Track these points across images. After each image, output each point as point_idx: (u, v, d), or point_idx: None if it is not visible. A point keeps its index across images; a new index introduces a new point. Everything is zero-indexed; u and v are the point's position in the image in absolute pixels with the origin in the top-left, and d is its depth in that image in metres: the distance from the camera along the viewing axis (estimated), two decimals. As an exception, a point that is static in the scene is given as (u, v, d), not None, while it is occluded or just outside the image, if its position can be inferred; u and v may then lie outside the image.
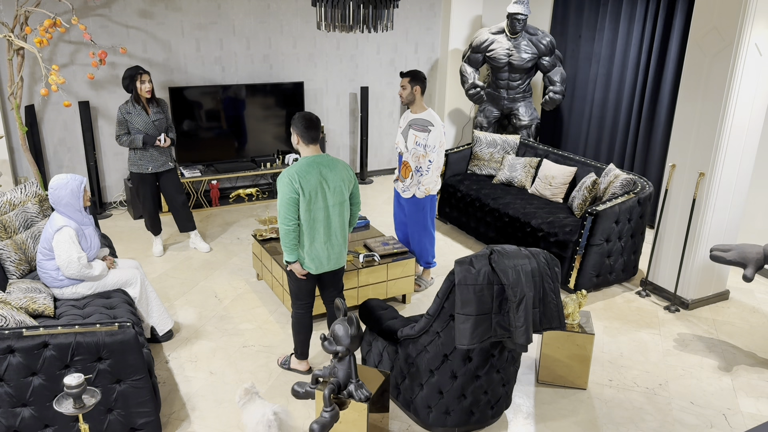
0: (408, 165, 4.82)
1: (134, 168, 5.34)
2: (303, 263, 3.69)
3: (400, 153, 4.92)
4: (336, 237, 3.69)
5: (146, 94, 5.15)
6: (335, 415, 3.06)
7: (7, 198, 4.23)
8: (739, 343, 4.56)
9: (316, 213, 3.57)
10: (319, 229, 3.61)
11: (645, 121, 6.51)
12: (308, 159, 3.57)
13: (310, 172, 3.52)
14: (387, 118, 8.06)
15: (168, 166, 5.44)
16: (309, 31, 7.23)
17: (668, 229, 5.03)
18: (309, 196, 3.52)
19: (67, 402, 2.59)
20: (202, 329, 4.54)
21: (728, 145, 4.59)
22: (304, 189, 3.49)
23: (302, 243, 3.64)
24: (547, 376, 4.01)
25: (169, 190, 5.52)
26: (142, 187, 5.41)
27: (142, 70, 5.10)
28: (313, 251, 3.65)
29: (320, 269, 3.72)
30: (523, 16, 6.75)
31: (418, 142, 4.72)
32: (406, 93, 4.71)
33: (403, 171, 4.89)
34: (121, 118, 5.17)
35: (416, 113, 4.78)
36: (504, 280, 3.05)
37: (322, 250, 3.67)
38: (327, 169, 3.57)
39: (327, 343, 3.12)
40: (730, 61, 4.38)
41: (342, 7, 3.87)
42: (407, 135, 4.81)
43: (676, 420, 3.74)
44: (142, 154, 5.29)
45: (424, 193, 4.80)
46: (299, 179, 3.48)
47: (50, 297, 3.81)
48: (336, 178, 3.59)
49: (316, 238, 3.63)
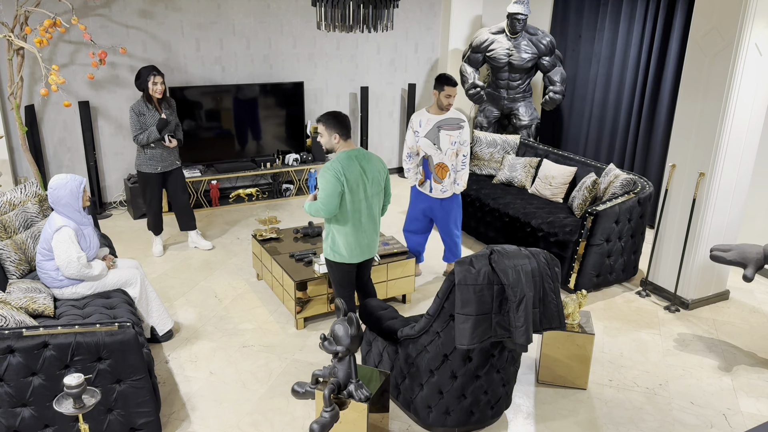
0: (445, 165, 4.84)
1: (143, 168, 5.37)
2: (344, 256, 3.86)
3: (426, 157, 4.86)
4: (375, 225, 3.92)
5: (158, 95, 5.19)
6: (335, 415, 3.06)
7: (7, 198, 4.23)
8: (739, 343, 4.56)
9: (359, 204, 3.76)
10: (361, 219, 3.81)
11: (645, 121, 6.51)
12: (347, 153, 3.73)
13: (351, 165, 3.69)
14: (387, 118, 8.06)
15: (175, 165, 5.50)
16: (309, 31, 7.23)
17: (668, 229, 5.03)
18: (352, 188, 3.69)
19: (67, 402, 2.59)
20: (202, 329, 4.54)
21: (728, 145, 4.59)
22: (349, 181, 3.68)
23: (344, 234, 3.81)
24: (547, 376, 4.01)
25: (175, 190, 5.56)
26: (148, 186, 5.43)
27: (156, 71, 5.15)
28: (356, 241, 3.85)
29: (361, 257, 3.93)
30: (523, 16, 6.75)
31: (453, 140, 4.78)
32: (451, 99, 4.76)
33: (439, 173, 4.87)
34: (135, 117, 5.21)
35: (442, 114, 4.80)
36: (504, 280, 3.05)
37: (363, 239, 3.87)
38: (365, 162, 3.76)
39: (327, 343, 3.12)
40: (730, 61, 4.38)
41: (342, 7, 3.87)
42: (438, 137, 4.78)
43: (676, 420, 3.73)
44: (152, 154, 5.32)
45: (462, 188, 4.94)
46: (344, 172, 3.65)
47: (50, 297, 3.81)
48: (373, 170, 3.79)
49: (359, 228, 3.82)
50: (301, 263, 4.69)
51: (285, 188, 7.30)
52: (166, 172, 5.46)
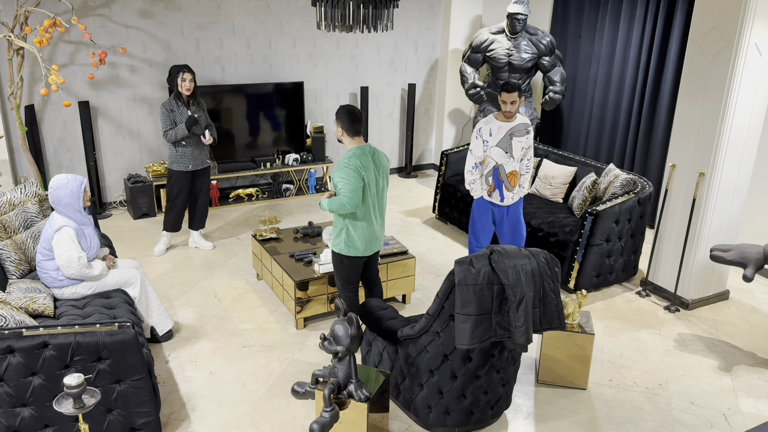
0: (516, 173, 4.76)
1: (174, 165, 5.43)
2: (359, 249, 3.90)
3: (497, 166, 4.73)
4: (383, 218, 4.01)
5: (186, 92, 5.25)
6: (335, 415, 3.06)
7: (7, 198, 4.23)
8: (739, 343, 4.56)
9: (373, 198, 3.85)
10: (373, 212, 3.88)
11: (645, 121, 6.51)
12: (361, 148, 3.80)
13: (367, 160, 3.79)
14: (387, 118, 8.06)
15: (205, 164, 5.58)
16: (309, 31, 7.23)
17: (668, 229, 5.03)
18: (369, 182, 3.79)
19: (67, 402, 2.59)
20: (202, 329, 4.54)
21: (728, 145, 4.59)
22: (367, 176, 3.76)
23: (360, 228, 3.85)
24: (547, 376, 4.01)
25: (201, 188, 5.64)
26: (178, 184, 5.49)
27: (186, 69, 5.20)
28: (370, 233, 3.91)
29: (374, 249, 3.99)
30: (523, 16, 6.74)
31: (523, 146, 4.72)
32: (516, 106, 4.58)
33: (511, 181, 4.77)
34: (166, 114, 5.26)
35: (512, 120, 4.66)
36: (504, 280, 3.05)
37: (373, 232, 3.93)
38: (375, 156, 3.86)
39: (327, 343, 3.12)
40: (730, 61, 4.38)
41: (342, 7, 3.87)
42: (511, 144, 4.66)
43: (676, 420, 3.73)
44: (183, 152, 5.37)
45: (527, 191, 4.94)
46: (363, 167, 3.74)
47: (50, 297, 3.81)
48: (383, 164, 3.91)
49: (371, 221, 3.88)
50: (301, 263, 4.69)
51: (285, 188, 7.30)
52: (196, 170, 5.53)
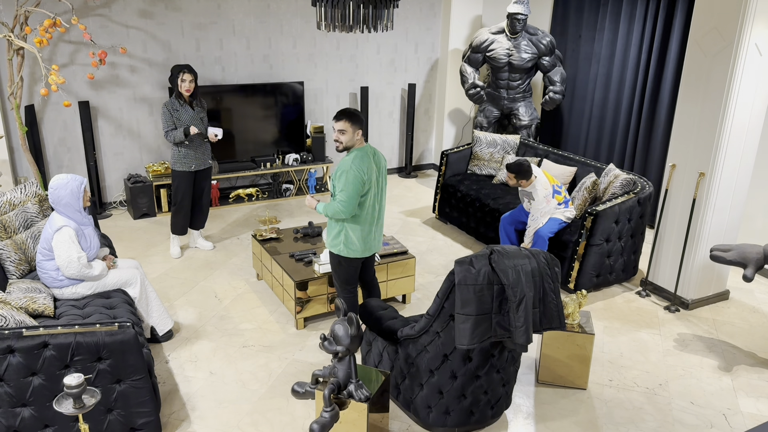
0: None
1: (178, 166, 5.42)
2: (358, 250, 3.89)
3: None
4: (382, 219, 4.03)
5: (185, 93, 5.26)
6: (335, 415, 3.06)
7: (7, 198, 4.23)
8: (739, 343, 4.56)
9: (373, 199, 3.84)
10: (372, 214, 3.88)
11: (645, 121, 6.51)
12: (363, 150, 3.80)
13: (368, 162, 3.79)
14: (387, 118, 8.06)
15: (207, 164, 5.58)
16: (309, 31, 7.23)
17: (668, 229, 5.03)
18: (371, 184, 3.77)
19: (67, 402, 2.59)
20: (202, 329, 4.54)
21: (728, 145, 4.59)
22: (369, 179, 3.77)
23: (359, 229, 3.85)
24: (547, 376, 4.01)
25: (204, 187, 5.64)
26: (183, 185, 5.48)
27: (186, 70, 5.20)
28: (370, 234, 3.91)
29: (373, 250, 4.01)
30: (523, 16, 6.75)
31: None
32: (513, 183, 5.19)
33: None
34: (167, 114, 5.26)
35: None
36: (504, 280, 3.05)
37: (375, 231, 3.93)
38: (376, 157, 3.87)
39: (327, 343, 3.12)
40: (730, 61, 4.38)
41: (342, 7, 3.87)
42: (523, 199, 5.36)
43: (676, 420, 3.74)
44: (186, 152, 5.37)
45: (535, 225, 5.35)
46: (366, 171, 3.73)
47: (50, 297, 3.81)
48: (382, 164, 3.92)
49: (372, 222, 3.89)
50: (301, 263, 4.69)
51: (285, 188, 7.30)
52: (199, 170, 5.53)
